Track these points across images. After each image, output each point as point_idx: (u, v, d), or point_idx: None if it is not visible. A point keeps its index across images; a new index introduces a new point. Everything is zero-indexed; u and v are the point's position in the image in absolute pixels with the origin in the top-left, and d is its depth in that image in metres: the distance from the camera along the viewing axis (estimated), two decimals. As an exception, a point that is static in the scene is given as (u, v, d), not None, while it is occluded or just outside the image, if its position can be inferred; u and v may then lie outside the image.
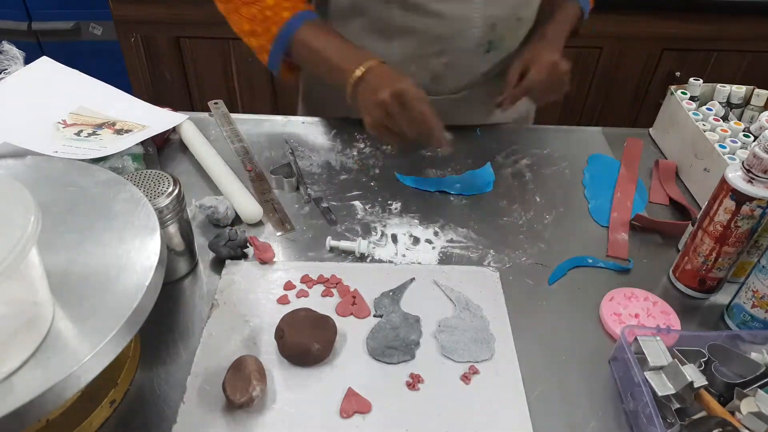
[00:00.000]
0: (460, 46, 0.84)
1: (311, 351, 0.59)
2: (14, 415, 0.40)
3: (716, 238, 0.66)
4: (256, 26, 0.79)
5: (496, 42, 0.85)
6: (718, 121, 0.88)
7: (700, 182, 0.85)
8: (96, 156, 0.74)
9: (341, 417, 0.56)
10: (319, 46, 0.78)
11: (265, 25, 0.79)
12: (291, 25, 0.78)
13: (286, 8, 0.79)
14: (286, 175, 0.83)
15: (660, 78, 1.68)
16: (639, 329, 0.62)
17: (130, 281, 0.49)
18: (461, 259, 0.75)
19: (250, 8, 0.79)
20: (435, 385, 0.59)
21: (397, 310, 0.66)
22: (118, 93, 0.90)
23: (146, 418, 0.56)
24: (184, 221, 0.67)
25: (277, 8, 0.78)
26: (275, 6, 0.78)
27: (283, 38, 0.79)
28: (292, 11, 0.79)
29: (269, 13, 0.78)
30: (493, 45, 0.85)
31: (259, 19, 0.79)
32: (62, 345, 0.45)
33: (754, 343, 0.61)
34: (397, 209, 0.82)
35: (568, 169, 0.92)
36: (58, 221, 0.54)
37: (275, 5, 0.78)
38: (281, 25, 0.78)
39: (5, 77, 0.83)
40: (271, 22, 0.78)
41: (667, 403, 0.56)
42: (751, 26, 1.58)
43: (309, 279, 0.70)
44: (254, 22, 0.79)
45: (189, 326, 0.64)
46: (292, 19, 0.78)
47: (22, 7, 1.76)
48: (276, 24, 0.78)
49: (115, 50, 1.65)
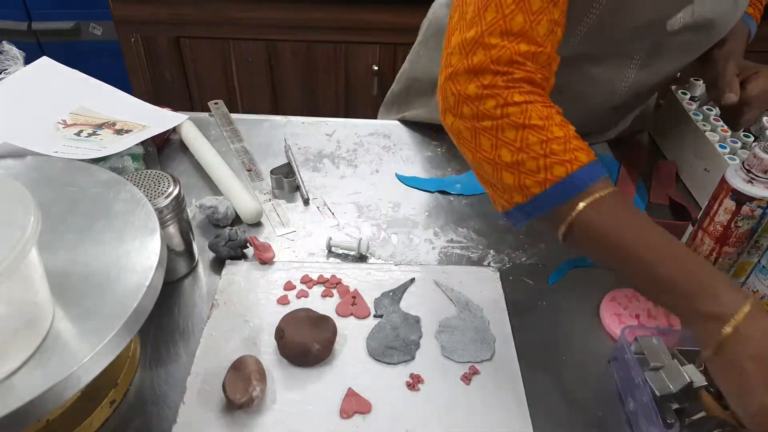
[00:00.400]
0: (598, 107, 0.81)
1: (311, 351, 0.59)
2: (14, 415, 0.40)
3: (716, 238, 0.66)
4: (527, 159, 0.53)
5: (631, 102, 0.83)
6: (718, 121, 0.88)
7: (700, 182, 0.85)
8: (96, 156, 0.74)
9: (341, 417, 0.56)
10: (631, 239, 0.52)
11: (546, 160, 0.52)
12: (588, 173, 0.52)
13: (581, 148, 0.53)
14: (286, 175, 0.83)
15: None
16: (639, 329, 0.62)
17: (130, 281, 0.49)
18: (461, 259, 0.75)
19: (528, 134, 0.53)
20: (435, 386, 0.59)
21: (397, 311, 0.66)
22: (118, 93, 0.90)
23: (146, 418, 0.56)
24: (184, 221, 0.67)
25: (569, 145, 0.53)
26: (565, 141, 0.53)
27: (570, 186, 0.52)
28: (590, 155, 0.54)
29: (557, 147, 0.53)
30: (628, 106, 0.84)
31: (538, 151, 0.53)
32: (62, 345, 0.45)
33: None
34: (398, 209, 0.82)
35: (568, 169, 0.92)
36: (58, 221, 0.54)
37: (566, 139, 0.53)
38: (574, 167, 0.52)
39: (5, 77, 0.83)
40: (555, 160, 0.52)
41: (667, 403, 0.56)
42: (751, 26, 1.57)
43: (309, 279, 0.70)
44: (526, 152, 0.53)
45: (189, 326, 0.64)
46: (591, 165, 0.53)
47: (22, 7, 1.76)
48: (565, 164, 0.52)
49: (115, 50, 1.65)
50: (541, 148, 0.53)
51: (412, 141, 0.95)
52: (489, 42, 0.54)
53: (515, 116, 0.54)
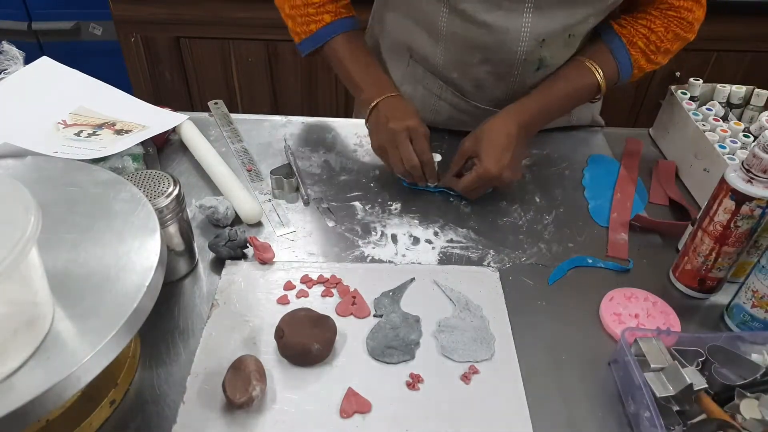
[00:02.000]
0: (504, 58, 0.81)
1: (311, 351, 0.59)
2: (14, 415, 0.40)
3: (716, 238, 0.66)
4: (296, 15, 0.84)
5: (546, 59, 0.82)
6: (718, 121, 0.88)
7: (700, 182, 0.85)
8: (96, 156, 0.74)
9: (341, 417, 0.56)
10: (346, 61, 0.84)
11: (305, 18, 0.83)
12: (328, 31, 0.84)
13: (330, 12, 0.83)
14: (286, 175, 0.83)
15: (660, 78, 1.68)
16: (639, 331, 0.62)
17: (130, 281, 0.49)
18: (461, 259, 0.75)
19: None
20: (435, 385, 0.59)
21: (397, 310, 0.66)
22: (118, 93, 0.90)
23: (146, 418, 0.56)
24: (184, 221, 0.67)
25: (321, 9, 0.82)
26: (319, 5, 0.82)
27: (317, 39, 0.84)
28: (335, 16, 0.83)
29: (312, 10, 0.82)
30: (543, 62, 0.82)
31: (301, 10, 0.83)
32: (62, 345, 0.45)
33: (755, 343, 0.61)
34: (397, 209, 0.82)
35: (568, 170, 0.92)
36: (58, 221, 0.54)
37: (320, 4, 0.82)
38: (320, 26, 0.83)
39: (5, 77, 0.83)
40: (311, 20, 0.83)
41: (667, 405, 0.56)
42: (751, 26, 1.57)
43: (309, 279, 0.70)
44: (296, 10, 0.83)
45: (189, 326, 0.64)
46: (332, 24, 0.83)
47: (22, 7, 1.76)
48: (316, 23, 0.83)
49: (115, 50, 1.65)
50: (303, 8, 0.83)
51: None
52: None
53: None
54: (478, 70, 0.85)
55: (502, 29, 0.78)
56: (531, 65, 0.82)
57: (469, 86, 0.88)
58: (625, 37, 0.83)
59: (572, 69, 0.84)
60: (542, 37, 0.78)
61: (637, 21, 0.83)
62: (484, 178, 0.77)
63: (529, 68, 0.83)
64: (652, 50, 0.83)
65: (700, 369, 0.58)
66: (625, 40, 0.83)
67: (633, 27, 0.83)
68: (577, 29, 0.80)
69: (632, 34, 0.83)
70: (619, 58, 0.83)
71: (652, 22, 0.82)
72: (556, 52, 0.82)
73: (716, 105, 0.91)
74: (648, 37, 0.82)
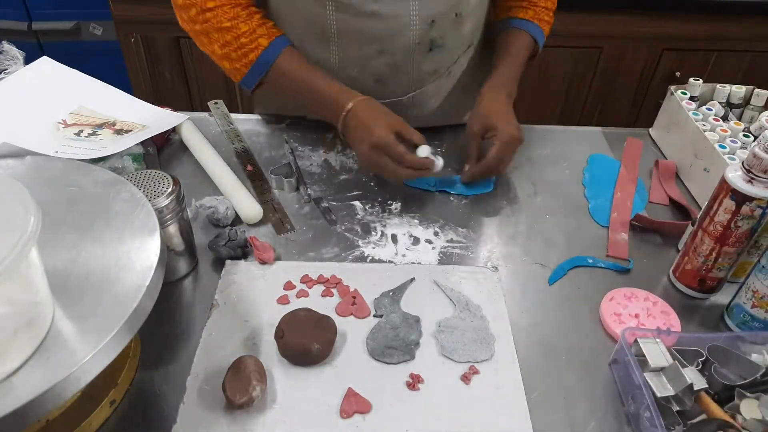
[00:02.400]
0: (399, 45, 0.82)
1: (311, 351, 0.59)
2: (14, 415, 0.40)
3: (716, 238, 0.66)
4: (230, 51, 0.80)
5: (437, 40, 0.83)
6: (718, 121, 0.88)
7: (700, 182, 0.85)
8: (96, 156, 0.74)
9: (341, 417, 0.56)
10: (297, 78, 0.81)
11: (241, 51, 0.79)
12: (270, 54, 0.80)
13: (262, 35, 0.79)
14: (286, 175, 0.83)
15: (660, 78, 1.68)
16: (639, 331, 0.62)
17: (130, 281, 0.49)
18: (461, 259, 0.75)
19: (223, 34, 0.79)
20: (435, 385, 0.59)
21: (397, 310, 0.66)
22: (118, 93, 0.90)
23: (146, 418, 0.56)
24: (184, 221, 0.67)
25: (253, 35, 0.79)
26: (251, 33, 0.79)
27: (261, 66, 0.80)
28: (270, 38, 0.80)
29: (245, 40, 0.79)
30: (435, 43, 0.84)
31: (233, 45, 0.79)
32: (62, 345, 0.45)
33: (755, 343, 0.61)
34: (397, 209, 0.82)
35: (568, 169, 0.92)
36: (58, 221, 0.54)
37: (251, 32, 0.79)
38: (259, 52, 0.79)
39: (5, 77, 0.83)
40: (247, 49, 0.79)
41: (667, 405, 0.56)
42: (751, 26, 1.58)
43: (309, 279, 0.70)
44: (228, 47, 0.79)
45: (189, 326, 0.64)
46: (270, 46, 0.79)
47: (22, 7, 1.76)
48: (253, 51, 0.79)
49: (115, 50, 1.65)
50: (235, 42, 0.79)
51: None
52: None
53: (212, 21, 0.78)
54: (377, 63, 0.84)
55: (392, 15, 0.79)
56: (424, 48, 0.84)
57: (370, 82, 0.87)
58: (533, 18, 0.91)
59: (513, 39, 0.90)
60: (431, 18, 0.80)
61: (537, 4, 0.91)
62: (510, 143, 0.80)
63: (422, 51, 0.84)
64: (551, 16, 0.93)
65: (700, 369, 0.58)
66: (535, 20, 0.91)
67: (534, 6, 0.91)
68: (463, 7, 0.83)
69: (537, 12, 0.91)
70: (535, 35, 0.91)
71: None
72: (446, 32, 0.84)
73: (716, 105, 0.91)
74: (547, 7, 0.92)
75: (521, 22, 0.91)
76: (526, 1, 0.91)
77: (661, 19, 1.56)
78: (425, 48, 0.84)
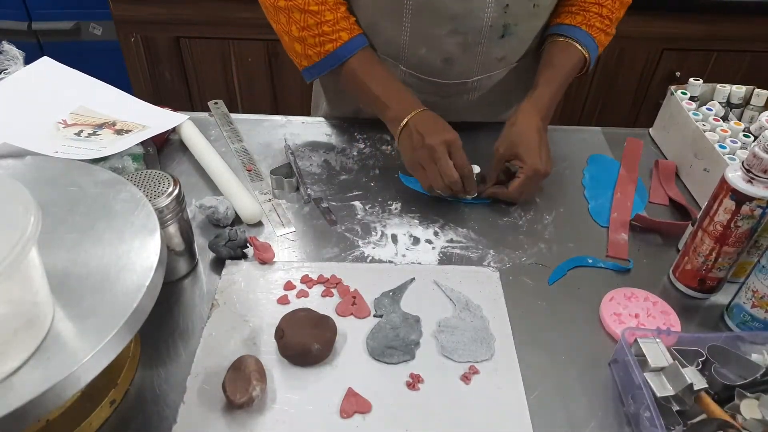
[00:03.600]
0: (472, 26, 0.81)
1: (311, 351, 0.59)
2: (14, 415, 0.40)
3: (716, 238, 0.66)
4: (308, 36, 0.79)
5: (510, 26, 0.82)
6: (718, 121, 0.88)
7: (700, 182, 0.85)
8: (96, 156, 0.74)
9: (341, 417, 0.56)
10: (368, 80, 0.80)
11: (320, 39, 0.78)
12: (347, 49, 0.79)
13: (345, 29, 0.79)
14: (286, 175, 0.83)
15: (660, 78, 1.68)
16: (639, 331, 0.62)
17: (130, 281, 0.49)
18: (461, 259, 0.75)
19: (306, 18, 0.78)
20: (435, 385, 0.59)
21: (397, 310, 0.66)
22: (118, 93, 0.90)
23: (146, 418, 0.56)
24: (184, 221, 0.67)
25: (336, 26, 0.78)
26: (334, 23, 0.78)
27: (335, 59, 0.80)
28: (351, 33, 0.79)
29: (327, 29, 0.78)
30: (508, 30, 0.82)
31: (314, 31, 0.78)
32: (62, 345, 0.45)
33: (755, 343, 0.61)
34: (397, 209, 0.82)
35: (568, 169, 0.92)
36: (58, 221, 0.54)
37: (334, 22, 0.78)
38: (338, 45, 0.79)
39: (5, 77, 0.83)
40: (326, 38, 0.78)
41: (667, 405, 0.56)
42: (751, 26, 1.58)
43: (309, 279, 0.70)
44: (308, 31, 0.78)
45: (189, 326, 0.64)
46: (350, 42, 0.79)
47: (22, 7, 1.76)
48: (332, 42, 0.79)
49: (115, 50, 1.65)
50: (317, 28, 0.78)
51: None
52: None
53: (300, 2, 0.77)
54: (447, 42, 0.83)
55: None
56: (496, 32, 0.83)
57: (438, 61, 0.86)
58: (581, 24, 0.85)
59: (558, 51, 0.86)
60: (506, 2, 0.79)
61: (585, 2, 0.86)
62: (533, 178, 0.79)
63: (494, 36, 0.83)
64: (607, 24, 0.87)
65: (700, 369, 0.58)
66: (583, 27, 0.85)
67: (584, 11, 0.86)
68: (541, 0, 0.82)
69: (587, 18, 0.85)
70: (585, 43, 0.85)
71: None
72: (521, 20, 0.83)
73: (716, 105, 0.91)
74: (601, 14, 0.86)
75: (567, 29, 0.86)
76: (575, 6, 0.86)
77: (661, 19, 1.56)
78: (498, 33, 0.82)
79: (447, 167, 0.75)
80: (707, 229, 0.67)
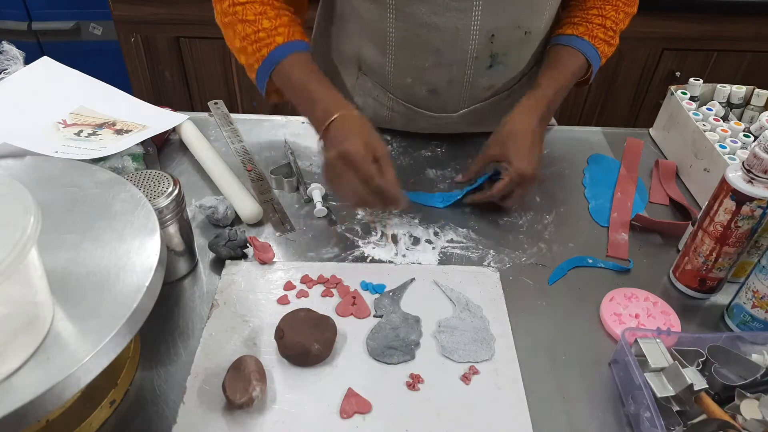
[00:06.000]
0: (456, 59, 0.80)
1: (311, 351, 0.59)
2: (14, 415, 0.40)
3: (716, 238, 0.66)
4: (247, 45, 0.78)
5: (498, 56, 0.81)
6: (718, 121, 0.88)
7: (700, 182, 0.85)
8: (96, 156, 0.74)
9: (341, 417, 0.56)
10: (299, 80, 0.77)
11: (256, 45, 0.77)
12: (280, 51, 0.77)
13: (281, 34, 0.78)
14: (286, 175, 0.83)
15: (660, 78, 1.68)
16: (639, 331, 0.62)
17: (130, 281, 0.49)
18: (461, 259, 0.75)
19: (245, 27, 0.77)
20: (435, 385, 0.59)
21: (397, 310, 0.66)
22: (118, 93, 0.90)
23: (146, 418, 0.56)
24: (184, 221, 0.67)
25: (273, 32, 0.77)
26: (271, 30, 0.77)
27: (270, 62, 0.77)
28: (287, 37, 0.78)
29: (263, 35, 0.77)
30: (496, 59, 0.81)
31: (251, 38, 0.77)
32: (62, 345, 0.45)
33: (755, 344, 0.61)
34: (397, 209, 0.82)
35: (568, 169, 0.92)
36: (58, 221, 0.54)
37: (271, 29, 0.77)
38: (272, 48, 0.77)
39: (5, 77, 0.83)
40: (263, 44, 0.77)
41: (668, 405, 0.56)
42: (751, 26, 1.58)
43: (309, 279, 0.70)
44: (246, 40, 0.78)
45: (189, 326, 0.64)
46: (283, 45, 0.77)
47: (22, 7, 1.76)
48: (267, 47, 0.77)
49: (115, 50, 1.65)
50: (254, 36, 0.77)
51: (411, 140, 0.95)
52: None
53: (239, 14, 0.77)
54: (431, 74, 0.82)
55: (452, 30, 0.76)
56: (483, 63, 0.81)
57: (423, 92, 0.85)
58: (584, 35, 0.84)
59: (563, 54, 0.84)
60: (491, 32, 0.78)
61: (588, 13, 0.85)
62: (518, 182, 0.76)
63: (481, 66, 0.82)
64: (611, 35, 0.85)
65: (700, 369, 0.58)
66: (586, 37, 0.84)
67: (587, 22, 0.84)
68: (532, 25, 0.80)
69: (589, 29, 0.84)
70: (587, 53, 0.84)
71: (602, 9, 0.84)
72: (510, 48, 0.81)
73: (716, 105, 0.91)
74: (604, 25, 0.84)
75: (569, 38, 0.84)
76: (577, 17, 0.85)
77: (661, 19, 1.56)
78: (485, 63, 0.81)
79: (369, 171, 0.67)
80: (707, 229, 0.67)
